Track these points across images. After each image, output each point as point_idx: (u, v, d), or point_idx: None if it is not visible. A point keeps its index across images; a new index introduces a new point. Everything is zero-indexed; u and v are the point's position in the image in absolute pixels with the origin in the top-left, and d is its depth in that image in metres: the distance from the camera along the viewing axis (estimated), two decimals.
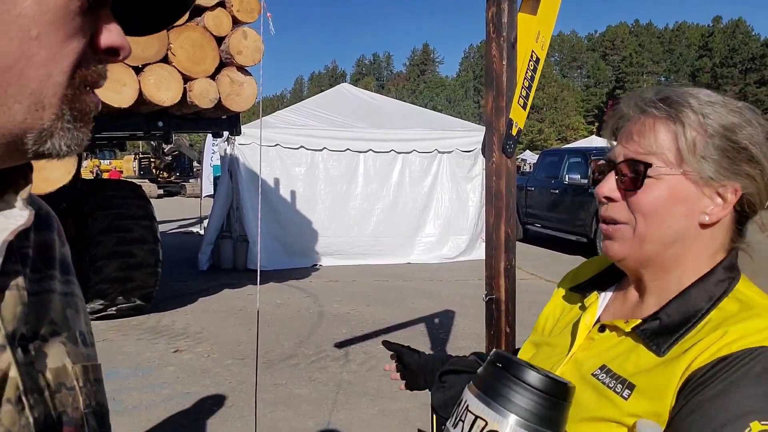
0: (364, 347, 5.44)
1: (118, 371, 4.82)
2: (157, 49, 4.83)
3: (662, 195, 0.84)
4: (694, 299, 0.84)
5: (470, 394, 0.76)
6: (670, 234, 0.85)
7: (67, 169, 4.43)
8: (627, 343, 0.86)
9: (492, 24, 2.56)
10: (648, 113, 0.86)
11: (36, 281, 0.55)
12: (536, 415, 0.71)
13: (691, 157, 0.83)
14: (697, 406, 0.74)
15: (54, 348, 0.54)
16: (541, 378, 0.73)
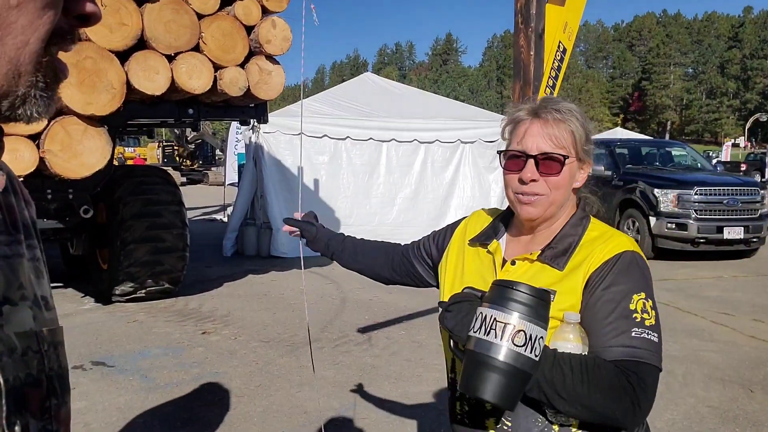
0: (386, 333, 5.54)
1: (149, 351, 4.98)
2: (188, 38, 4.94)
3: (566, 174, 1.27)
4: (570, 231, 1.30)
5: (485, 308, 1.13)
6: (564, 198, 1.30)
7: (103, 154, 4.58)
8: (535, 267, 1.28)
9: (521, 14, 2.62)
10: (547, 116, 1.27)
11: (6, 245, 0.55)
12: (531, 311, 1.09)
13: (580, 146, 1.28)
14: (599, 296, 1.20)
15: (22, 312, 0.55)
16: (533, 288, 1.12)
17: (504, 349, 1.08)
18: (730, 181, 9.77)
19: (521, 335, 1.08)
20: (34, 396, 0.54)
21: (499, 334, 1.09)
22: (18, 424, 0.51)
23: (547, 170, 1.26)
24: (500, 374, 1.08)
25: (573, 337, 1.18)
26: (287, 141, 9.23)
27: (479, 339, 1.11)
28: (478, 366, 1.10)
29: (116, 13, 4.62)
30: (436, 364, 4.76)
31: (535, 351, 1.09)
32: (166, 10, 4.85)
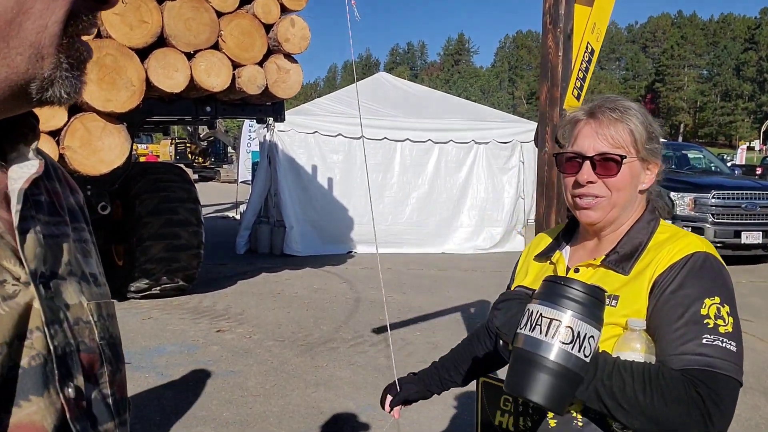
0: (402, 334, 5.51)
1: (165, 348, 4.99)
2: (207, 36, 4.94)
3: (627, 175, 1.22)
4: (637, 235, 1.24)
5: (535, 305, 1.08)
6: (628, 200, 1.25)
7: (122, 151, 4.58)
8: (600, 273, 1.23)
9: (549, 15, 2.58)
10: (603, 116, 1.23)
11: (51, 225, 0.59)
12: (584, 309, 1.04)
13: (641, 146, 1.23)
14: (666, 300, 1.13)
15: (71, 286, 0.59)
16: (586, 284, 1.07)
17: (555, 348, 1.03)
18: (749, 184, 9.66)
19: (568, 332, 1.03)
20: (88, 363, 0.58)
21: (549, 331, 1.04)
22: (71, 387, 0.54)
23: (605, 171, 1.21)
24: (549, 374, 1.03)
25: (639, 345, 1.12)
26: (302, 139, 9.23)
27: (527, 336, 1.06)
28: (526, 364, 1.06)
29: (137, 10, 4.63)
30: None
31: (584, 350, 1.03)
32: (185, 8, 4.85)
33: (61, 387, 0.53)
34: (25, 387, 0.50)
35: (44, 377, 0.52)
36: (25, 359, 0.51)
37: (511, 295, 1.20)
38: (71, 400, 0.54)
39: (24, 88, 0.51)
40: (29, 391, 0.51)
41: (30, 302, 0.52)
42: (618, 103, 1.25)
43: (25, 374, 0.51)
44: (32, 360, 0.52)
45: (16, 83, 0.50)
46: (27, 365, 0.51)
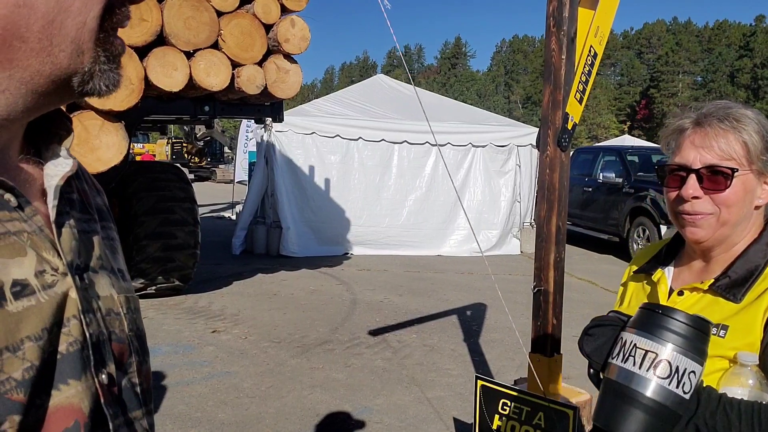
0: (398, 336, 5.50)
1: (160, 348, 4.96)
2: (207, 35, 4.92)
3: (739, 189, 1.11)
4: (753, 257, 1.12)
5: (631, 334, 1.01)
6: (740, 217, 1.13)
7: (119, 149, 4.56)
8: (707, 299, 1.12)
9: (552, 18, 2.58)
10: (712, 125, 1.12)
11: (83, 222, 0.62)
12: (687, 343, 0.97)
13: (756, 158, 1.11)
14: None
15: (102, 279, 0.61)
16: (690, 315, 0.99)
17: (652, 383, 0.97)
18: None
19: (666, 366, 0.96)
20: (119, 352, 0.61)
21: (644, 364, 0.98)
22: (104, 374, 0.57)
23: (712, 186, 1.10)
24: (644, 411, 0.97)
25: (750, 382, 1.01)
26: (299, 140, 9.21)
27: (620, 367, 1.00)
28: (618, 398, 1.00)
29: (136, 8, 4.58)
30: (449, 368, 4.72)
31: (683, 386, 0.96)
32: (185, 7, 4.83)
33: (96, 372, 0.56)
34: (65, 372, 0.53)
35: (82, 362, 0.55)
36: (63, 345, 0.54)
37: (604, 321, 1.14)
38: (105, 386, 0.57)
39: (67, 82, 0.54)
40: (68, 375, 0.53)
41: (67, 292, 0.55)
42: (731, 110, 1.14)
43: (63, 359, 0.53)
44: (70, 346, 0.54)
45: (59, 77, 0.53)
46: (65, 351, 0.54)
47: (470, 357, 5.01)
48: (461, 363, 4.85)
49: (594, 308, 6.71)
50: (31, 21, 0.50)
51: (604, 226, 10.76)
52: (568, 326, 6.00)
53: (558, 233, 2.66)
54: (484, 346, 5.30)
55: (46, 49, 0.51)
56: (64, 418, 0.52)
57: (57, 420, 0.52)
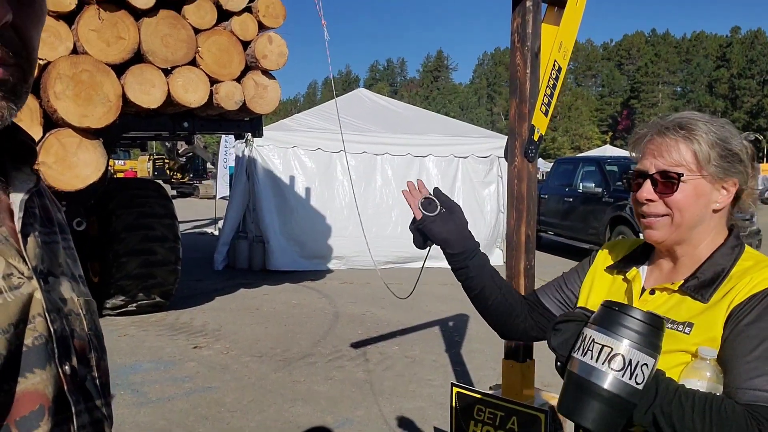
0: (380, 348, 5.53)
1: (141, 365, 4.94)
2: (185, 53, 4.97)
3: (690, 193, 1.20)
4: (720, 261, 1.20)
5: (591, 330, 1.10)
6: (695, 220, 1.21)
7: (97, 166, 4.57)
8: (675, 298, 1.21)
9: (517, 34, 2.66)
10: (667, 135, 1.21)
11: (45, 233, 0.68)
12: (642, 338, 1.06)
13: (705, 164, 1.19)
14: (740, 331, 1.09)
15: (64, 283, 0.68)
16: (644, 313, 1.08)
17: (608, 376, 1.05)
18: None
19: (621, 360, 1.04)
20: (80, 348, 0.67)
21: (600, 358, 1.06)
22: (67, 365, 0.63)
23: (664, 189, 1.20)
24: (601, 402, 1.05)
25: (708, 374, 1.09)
26: (281, 154, 9.25)
27: (581, 362, 1.08)
28: (579, 390, 1.08)
29: (113, 27, 4.64)
30: (430, 379, 4.76)
31: (636, 378, 1.05)
32: (163, 25, 4.87)
33: (60, 363, 0.62)
34: (30, 362, 0.59)
35: (46, 354, 0.61)
36: (29, 339, 0.60)
37: (570, 317, 1.22)
38: (68, 376, 0.63)
39: None
40: (34, 365, 0.59)
41: (32, 293, 0.61)
42: (685, 121, 1.22)
43: (29, 351, 0.60)
44: (35, 340, 0.60)
45: None
46: (31, 344, 0.60)
47: (452, 367, 5.05)
48: (442, 373, 4.89)
49: None
50: None
51: (584, 235, 10.89)
52: None
53: (527, 242, 2.72)
54: (465, 356, 5.34)
55: None
56: (30, 402, 0.59)
57: (24, 403, 0.58)
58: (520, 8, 2.63)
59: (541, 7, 2.67)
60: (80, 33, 4.54)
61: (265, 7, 5.35)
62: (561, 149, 66.23)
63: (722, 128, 1.22)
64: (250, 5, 5.32)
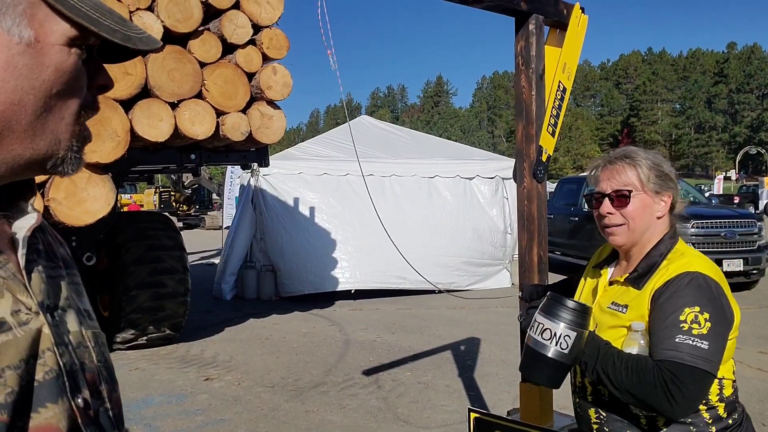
0: (392, 374, 5.48)
1: (152, 398, 4.91)
2: (191, 86, 5.04)
3: (639, 205, 1.59)
4: (653, 256, 1.58)
5: (539, 315, 1.53)
6: (645, 226, 1.59)
7: (107, 201, 4.60)
8: (623, 288, 1.60)
9: (521, 57, 2.70)
10: (616, 163, 1.62)
11: (49, 268, 0.70)
12: (572, 323, 1.48)
13: (647, 182, 1.58)
14: (659, 307, 1.48)
15: (70, 317, 0.69)
16: (575, 302, 1.52)
17: (546, 346, 1.48)
18: (727, 213, 9.84)
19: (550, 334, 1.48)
20: (90, 380, 0.68)
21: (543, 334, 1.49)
22: (80, 398, 0.64)
23: (619, 203, 1.58)
24: (545, 363, 1.49)
25: (641, 341, 1.49)
26: (287, 182, 9.28)
27: (531, 337, 1.52)
28: (531, 357, 1.52)
29: (121, 63, 4.71)
30: (444, 405, 4.70)
31: (561, 345, 1.47)
32: (169, 59, 4.95)
33: (72, 397, 0.63)
34: (42, 396, 0.60)
35: (58, 388, 0.62)
36: (40, 374, 0.61)
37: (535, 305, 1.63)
38: (81, 409, 0.64)
39: (41, 164, 0.65)
40: (46, 400, 0.60)
41: (40, 328, 0.63)
42: (629, 152, 1.64)
43: (41, 386, 0.60)
44: (47, 375, 0.61)
45: (36, 160, 0.64)
46: (42, 379, 0.61)
47: (465, 392, 4.99)
48: (457, 399, 4.84)
49: None
50: (21, 116, 0.60)
51: (591, 254, 10.81)
52: None
53: (540, 262, 2.72)
54: (479, 380, 5.28)
55: (29, 138, 0.62)
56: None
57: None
58: (523, 31, 2.67)
59: (543, 29, 2.71)
60: None
61: (269, 39, 5.43)
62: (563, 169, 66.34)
63: (656, 156, 1.63)
64: (254, 38, 5.40)
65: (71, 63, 0.63)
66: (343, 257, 9.35)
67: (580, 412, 1.68)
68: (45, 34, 0.61)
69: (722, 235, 9.06)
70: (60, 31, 0.61)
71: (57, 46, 0.61)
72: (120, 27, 0.65)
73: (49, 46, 0.61)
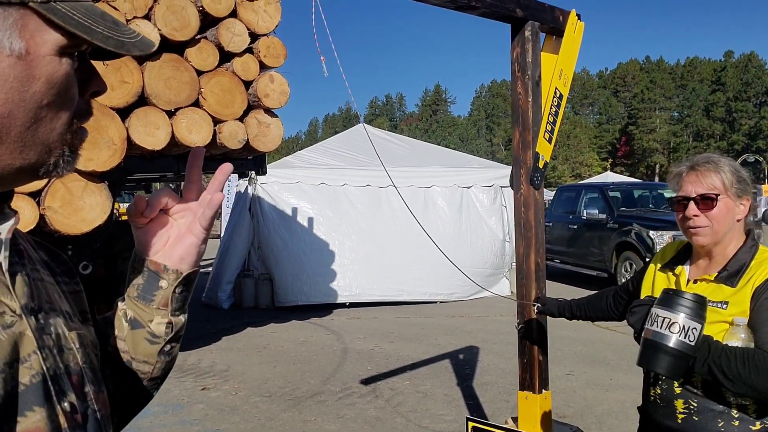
0: (390, 383, 5.44)
1: (149, 408, 4.85)
2: (188, 94, 5.03)
3: (723, 208, 1.69)
4: (742, 257, 1.69)
5: (657, 308, 1.61)
6: (727, 228, 1.69)
7: (103, 209, 4.58)
8: (713, 286, 1.68)
9: (517, 63, 2.69)
10: (700, 168, 1.72)
11: (31, 270, 0.69)
12: (693, 313, 1.56)
13: (730, 187, 1.69)
14: (762, 303, 1.59)
15: (53, 319, 0.68)
16: (695, 294, 1.60)
17: (671, 338, 1.56)
18: None
19: (678, 326, 1.56)
20: (76, 383, 0.67)
21: (665, 326, 1.57)
22: (66, 402, 0.64)
23: (705, 207, 1.69)
24: (667, 354, 1.57)
25: (743, 336, 1.59)
26: (285, 191, 9.28)
27: (651, 330, 1.61)
28: (651, 349, 1.60)
29: (117, 71, 4.71)
30: (442, 414, 4.67)
31: (688, 338, 1.55)
32: (166, 68, 4.94)
33: (58, 401, 0.63)
34: (29, 400, 0.60)
35: (45, 392, 0.62)
36: (26, 377, 0.60)
37: (642, 302, 1.76)
38: (68, 413, 0.64)
39: (33, 171, 0.64)
40: (33, 404, 0.60)
41: (24, 331, 0.62)
42: (711, 158, 1.76)
43: (27, 390, 0.60)
44: (33, 378, 0.61)
45: (26, 169, 0.63)
46: (29, 383, 0.60)
47: (464, 401, 4.96)
48: (455, 408, 4.80)
49: (586, 345, 6.70)
50: (11, 128, 0.60)
51: (591, 261, 10.83)
52: (561, 364, 5.98)
53: (537, 269, 2.70)
54: (477, 389, 5.25)
55: (19, 149, 0.61)
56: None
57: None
58: (519, 38, 2.66)
59: (540, 36, 2.71)
60: None
61: (266, 48, 5.43)
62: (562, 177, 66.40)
63: (735, 162, 1.76)
64: (251, 46, 5.40)
65: (62, 73, 0.61)
66: (338, 269, 9.32)
67: (662, 404, 1.75)
68: (36, 45, 0.59)
69: None
70: (51, 41, 0.60)
71: (48, 57, 0.60)
72: (113, 33, 0.63)
73: (40, 57, 0.60)
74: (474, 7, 2.40)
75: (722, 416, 1.63)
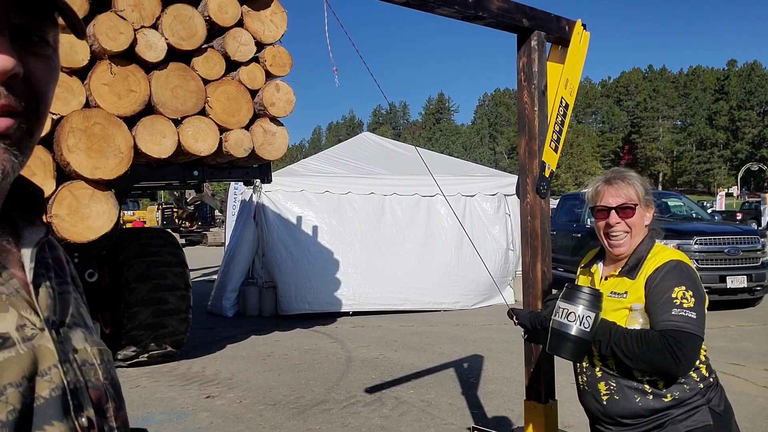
0: (395, 392, 5.43)
1: (153, 417, 4.86)
2: (194, 103, 5.06)
3: (638, 216, 1.95)
4: (639, 252, 1.93)
5: (560, 301, 1.87)
6: (640, 233, 1.96)
7: (110, 217, 4.60)
8: (618, 280, 1.95)
9: (523, 73, 2.71)
10: (615, 182, 1.96)
11: (58, 284, 0.69)
12: (590, 304, 1.82)
13: (642, 198, 1.96)
14: (652, 290, 1.83)
15: (77, 334, 0.68)
16: (590, 288, 1.89)
17: (573, 327, 1.82)
18: (730, 229, 9.80)
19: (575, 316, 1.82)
20: (95, 399, 0.66)
21: (567, 317, 1.82)
22: (84, 417, 0.63)
23: (624, 215, 1.93)
24: (570, 341, 1.83)
25: (640, 320, 1.83)
26: (289, 199, 9.30)
27: (556, 320, 1.87)
28: (556, 337, 1.87)
29: (125, 80, 4.75)
30: (447, 423, 4.65)
31: (584, 324, 1.81)
32: (173, 77, 4.98)
33: (76, 416, 0.62)
34: (48, 414, 0.59)
35: (64, 407, 0.61)
36: (45, 391, 0.59)
37: (552, 297, 2.04)
38: (85, 428, 0.63)
39: None
40: (52, 417, 0.59)
41: (45, 344, 0.61)
42: (624, 172, 2.03)
43: (47, 404, 0.59)
44: (52, 392, 0.60)
45: None
46: (48, 396, 0.59)
47: (469, 410, 4.94)
48: (460, 417, 4.79)
49: None
50: None
51: None
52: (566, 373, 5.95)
53: (544, 278, 2.70)
54: (482, 398, 5.23)
55: None
56: None
57: None
58: (525, 47, 2.68)
59: (545, 45, 2.73)
60: (92, 87, 4.65)
61: (272, 57, 5.47)
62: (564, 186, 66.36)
63: (640, 176, 2.04)
64: (257, 55, 5.44)
65: None
66: (342, 278, 9.33)
67: (589, 389, 1.96)
68: None
69: (726, 251, 9.02)
70: None
71: None
72: None
73: None
74: (481, 17, 2.42)
75: (637, 392, 1.84)
